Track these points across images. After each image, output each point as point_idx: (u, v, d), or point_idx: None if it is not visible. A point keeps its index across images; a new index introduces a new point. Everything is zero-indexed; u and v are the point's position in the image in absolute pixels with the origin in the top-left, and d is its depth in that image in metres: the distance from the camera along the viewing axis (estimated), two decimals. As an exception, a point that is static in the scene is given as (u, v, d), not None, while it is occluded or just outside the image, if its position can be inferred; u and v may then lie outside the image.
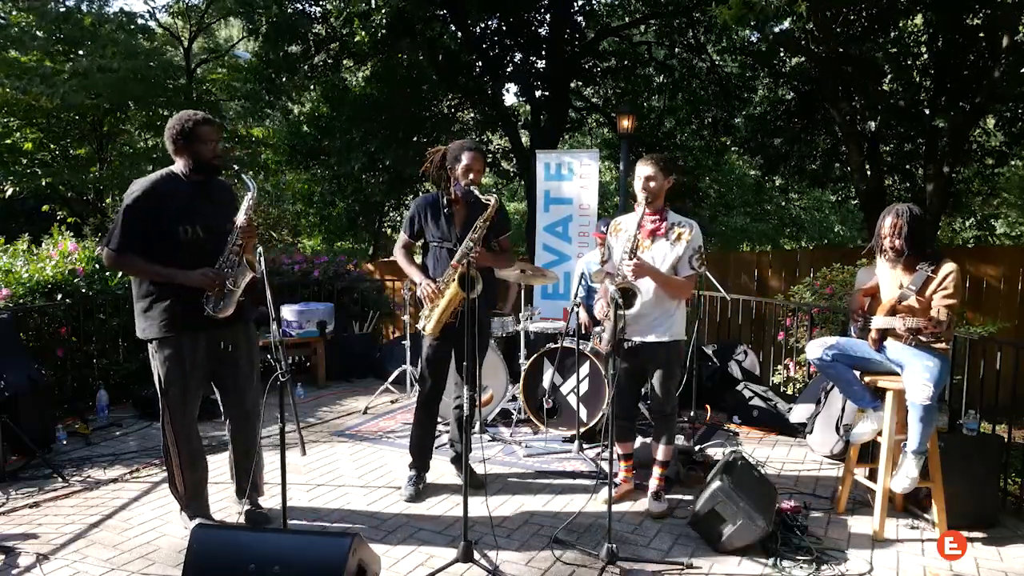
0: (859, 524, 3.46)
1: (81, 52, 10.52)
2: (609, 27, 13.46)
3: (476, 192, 3.49)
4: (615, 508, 3.41)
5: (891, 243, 3.27)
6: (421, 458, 3.84)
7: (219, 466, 3.90)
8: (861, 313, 3.47)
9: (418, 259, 3.81)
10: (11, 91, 9.73)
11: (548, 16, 12.53)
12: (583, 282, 4.87)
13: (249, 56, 13.31)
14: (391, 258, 3.90)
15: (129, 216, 2.96)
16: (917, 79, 10.45)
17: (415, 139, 11.94)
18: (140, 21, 11.28)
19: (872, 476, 3.58)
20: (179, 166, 3.13)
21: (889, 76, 10.34)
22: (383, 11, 8.87)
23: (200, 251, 3.05)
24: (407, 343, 5.84)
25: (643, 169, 3.46)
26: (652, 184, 3.44)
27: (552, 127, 12.55)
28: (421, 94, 12.41)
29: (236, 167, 3.12)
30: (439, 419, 4.77)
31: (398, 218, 15.54)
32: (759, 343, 6.95)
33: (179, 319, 3.05)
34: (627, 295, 3.22)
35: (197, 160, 3.09)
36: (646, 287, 3.45)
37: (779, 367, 6.11)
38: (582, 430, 4.55)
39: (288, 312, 6.44)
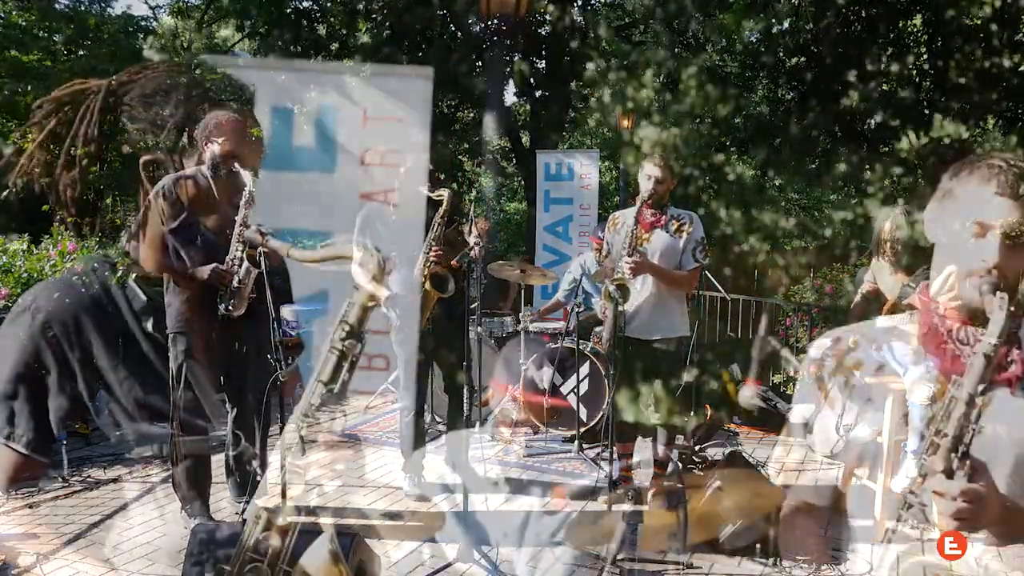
0: (859, 524, 3.45)
1: (82, 52, 10.51)
2: (609, 27, 13.43)
3: (424, 191, 3.47)
4: (615, 508, 3.41)
5: (891, 248, 3.28)
6: (416, 460, 3.82)
7: (221, 466, 3.89)
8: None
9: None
10: (7, 92, 9.71)
11: (548, 16, 12.51)
12: (581, 283, 4.91)
13: (248, 56, 13.30)
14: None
15: (148, 211, 3.09)
16: (917, 79, 10.44)
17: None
18: (142, 23, 11.30)
19: (872, 476, 3.57)
20: (204, 164, 3.20)
21: (888, 76, 10.33)
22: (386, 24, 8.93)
23: (214, 248, 3.08)
24: (407, 343, 5.83)
25: (652, 169, 3.45)
26: (660, 186, 3.44)
27: (552, 127, 12.54)
28: (421, 94, 12.39)
29: (237, 165, 3.11)
30: (437, 419, 4.76)
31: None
32: (759, 343, 6.93)
33: (194, 314, 3.08)
34: (624, 291, 3.22)
35: (212, 157, 3.14)
36: (646, 285, 3.45)
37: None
38: (582, 430, 4.54)
39: (288, 312, 6.42)
